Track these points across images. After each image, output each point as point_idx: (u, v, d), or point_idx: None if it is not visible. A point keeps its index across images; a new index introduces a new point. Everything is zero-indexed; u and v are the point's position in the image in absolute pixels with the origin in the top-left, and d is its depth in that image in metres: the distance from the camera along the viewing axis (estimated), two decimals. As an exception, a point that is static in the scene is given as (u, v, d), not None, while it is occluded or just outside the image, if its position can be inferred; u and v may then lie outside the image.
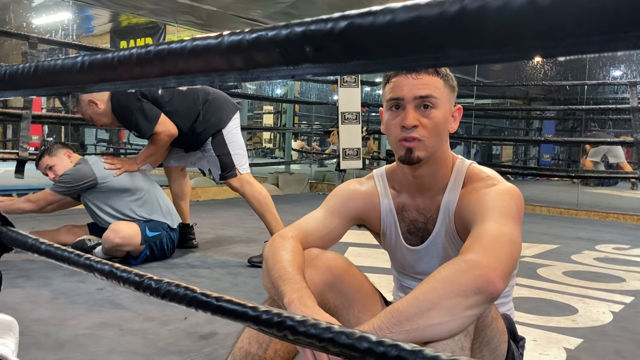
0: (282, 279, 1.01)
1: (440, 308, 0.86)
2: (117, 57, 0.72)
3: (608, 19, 0.37)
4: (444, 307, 0.86)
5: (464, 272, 0.88)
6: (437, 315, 0.86)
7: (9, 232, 1.07)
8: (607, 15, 0.37)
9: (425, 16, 0.45)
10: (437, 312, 0.86)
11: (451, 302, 0.86)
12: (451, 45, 0.45)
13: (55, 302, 2.01)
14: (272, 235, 2.68)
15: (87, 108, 2.76)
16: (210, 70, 0.63)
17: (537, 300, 2.29)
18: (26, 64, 0.87)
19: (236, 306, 0.70)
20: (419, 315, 0.86)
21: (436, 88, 1.11)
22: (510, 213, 1.04)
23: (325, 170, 8.35)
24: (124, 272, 0.84)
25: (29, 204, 2.65)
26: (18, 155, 3.76)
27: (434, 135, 1.12)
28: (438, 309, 0.86)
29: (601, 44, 0.38)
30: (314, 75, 0.56)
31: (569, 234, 4.19)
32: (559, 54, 0.41)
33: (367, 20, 0.49)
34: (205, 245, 3.16)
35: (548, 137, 9.07)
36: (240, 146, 2.85)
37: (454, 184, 1.18)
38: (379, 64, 0.51)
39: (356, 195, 1.27)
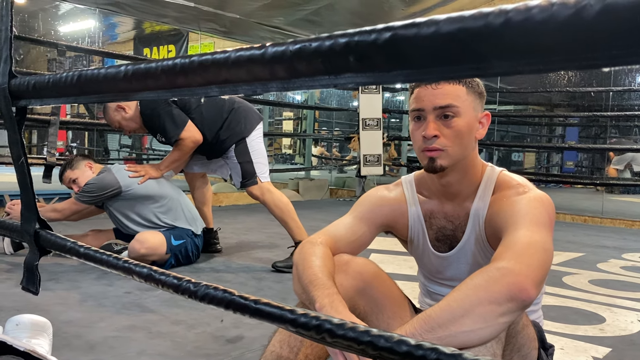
0: (313, 284, 1.02)
1: (473, 315, 0.86)
2: (161, 66, 0.75)
3: (654, 31, 0.38)
4: (476, 314, 0.86)
5: (497, 280, 0.89)
6: (470, 322, 0.86)
7: (48, 235, 1.10)
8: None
9: (469, 28, 0.47)
10: (470, 319, 0.86)
11: (484, 309, 0.87)
12: (495, 56, 0.46)
13: (84, 305, 2.05)
14: (301, 242, 2.71)
15: (115, 114, 2.81)
16: (252, 80, 0.65)
17: (564, 309, 2.27)
18: (69, 73, 0.90)
19: (274, 309, 0.71)
20: (452, 322, 0.86)
21: (457, 97, 1.11)
22: (542, 221, 1.03)
23: (346, 176, 8.36)
24: (162, 275, 0.87)
25: (54, 214, 2.70)
26: (46, 160, 3.84)
27: (457, 144, 1.12)
28: (471, 316, 0.86)
29: (645, 55, 0.39)
30: (356, 85, 0.58)
31: (594, 242, 4.14)
32: (603, 65, 0.42)
33: (411, 31, 0.50)
34: (228, 250, 3.19)
35: (571, 143, 8.97)
36: (262, 155, 2.88)
37: (484, 191, 1.18)
38: (422, 73, 0.53)
39: (384, 202, 1.28)
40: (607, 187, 7.55)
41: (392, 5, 6.31)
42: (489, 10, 0.46)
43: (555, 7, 0.42)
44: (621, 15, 0.39)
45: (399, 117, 9.13)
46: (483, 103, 1.18)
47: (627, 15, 0.39)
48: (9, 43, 1.07)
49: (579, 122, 9.65)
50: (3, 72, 1.06)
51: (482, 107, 1.18)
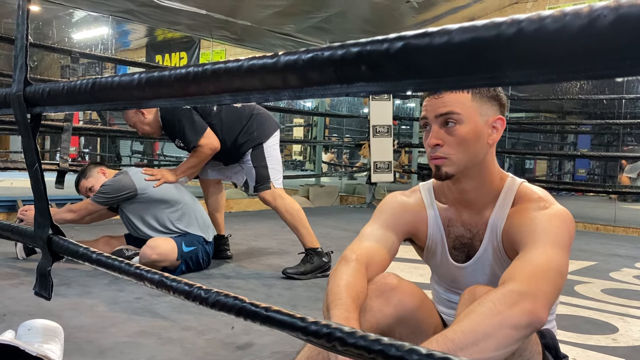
0: (334, 303, 1.01)
1: (495, 340, 0.87)
2: (174, 74, 0.76)
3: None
4: (498, 338, 0.88)
5: (515, 303, 0.90)
6: (492, 347, 0.87)
7: (60, 241, 1.11)
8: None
9: (482, 37, 0.47)
10: (492, 344, 0.87)
11: (506, 333, 0.88)
12: (508, 66, 0.46)
13: (95, 310, 2.06)
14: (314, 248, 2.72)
15: (133, 116, 2.84)
16: (265, 88, 0.66)
17: (576, 318, 2.25)
18: (83, 81, 0.91)
19: (285, 316, 0.71)
20: (473, 346, 0.87)
21: (459, 104, 1.12)
22: (561, 240, 1.03)
23: (356, 183, 8.36)
24: (173, 282, 0.87)
25: (70, 214, 2.72)
26: (59, 166, 3.88)
27: (461, 151, 1.12)
28: (493, 341, 0.87)
29: (663, 65, 0.39)
30: (368, 94, 0.58)
31: (607, 251, 4.10)
32: (617, 75, 0.42)
33: (424, 41, 0.51)
34: (239, 257, 3.20)
35: (583, 151, 8.91)
36: (278, 162, 2.90)
37: (504, 201, 1.17)
38: (435, 83, 0.53)
39: (405, 207, 1.27)
40: (619, 195, 7.49)
41: (403, 12, 6.32)
42: (501, 20, 0.46)
43: (568, 17, 0.42)
44: (635, 25, 0.39)
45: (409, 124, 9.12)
46: (498, 107, 1.17)
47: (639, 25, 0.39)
48: (24, 51, 1.09)
49: (592, 129, 9.59)
50: (19, 79, 1.07)
51: (497, 111, 1.16)
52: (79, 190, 2.85)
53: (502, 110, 1.17)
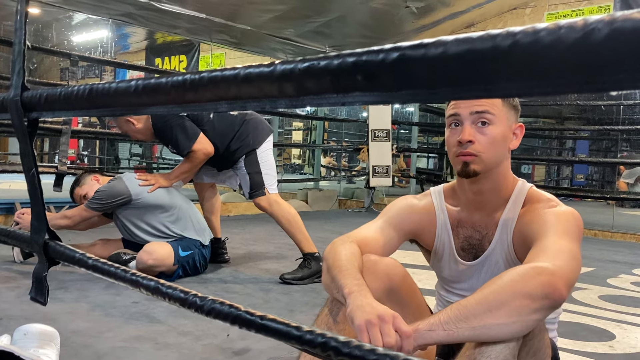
0: (343, 273, 1.04)
1: (508, 307, 0.89)
2: (171, 82, 0.76)
3: (662, 56, 0.38)
4: (512, 307, 0.89)
5: (532, 277, 0.92)
6: (505, 314, 0.89)
7: (57, 246, 1.11)
8: (661, 53, 0.38)
9: (477, 49, 0.47)
10: (506, 312, 0.89)
11: (520, 303, 0.89)
12: (502, 78, 0.46)
13: (92, 314, 2.06)
14: (310, 253, 2.73)
15: (124, 125, 2.84)
16: (261, 97, 0.66)
17: (573, 325, 2.25)
18: (80, 86, 0.91)
19: (280, 325, 0.71)
20: (487, 313, 0.89)
21: (493, 105, 1.16)
22: (572, 232, 1.07)
23: (354, 187, 8.36)
24: (169, 289, 0.87)
25: (65, 220, 2.72)
26: (57, 169, 3.87)
27: (490, 151, 1.16)
28: (506, 309, 0.89)
29: (654, 80, 0.39)
30: (363, 104, 0.58)
31: (605, 257, 4.10)
32: (610, 89, 0.42)
33: (419, 52, 0.51)
34: (236, 261, 3.19)
35: (582, 157, 8.92)
36: (272, 167, 2.89)
37: (514, 203, 1.20)
38: (429, 94, 0.53)
39: (414, 209, 1.31)
40: (617, 201, 7.49)
41: (402, 18, 6.34)
42: (497, 32, 0.46)
43: (562, 30, 0.42)
44: (629, 39, 0.39)
45: (408, 129, 9.13)
46: (517, 116, 1.22)
47: (635, 39, 0.39)
48: (22, 56, 1.09)
49: (590, 135, 9.60)
50: (16, 84, 1.07)
51: (517, 119, 1.22)
52: (74, 199, 2.85)
53: (518, 120, 1.23)
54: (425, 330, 0.91)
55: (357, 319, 0.92)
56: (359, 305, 0.94)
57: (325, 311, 1.10)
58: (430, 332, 0.90)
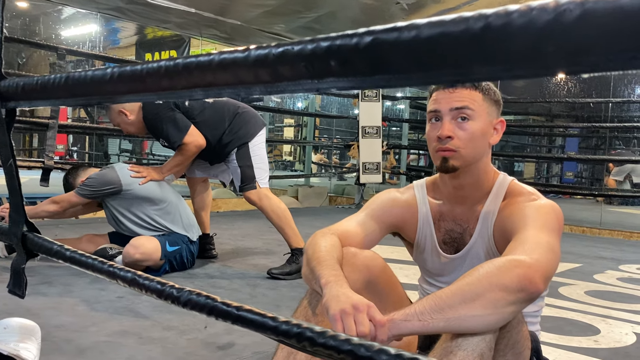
0: (321, 264, 1.04)
1: (484, 300, 0.89)
2: (146, 69, 0.74)
3: (633, 36, 0.37)
4: (487, 299, 0.89)
5: (509, 269, 0.92)
6: (480, 306, 0.89)
7: (35, 238, 1.09)
8: (632, 32, 0.37)
9: (449, 32, 0.46)
10: (481, 304, 0.89)
11: (495, 295, 0.89)
12: (475, 62, 0.46)
13: (76, 309, 2.04)
14: (298, 248, 2.72)
15: (117, 117, 2.81)
16: (237, 83, 0.65)
17: (559, 320, 2.26)
18: (57, 75, 0.90)
19: (256, 316, 0.70)
20: (462, 305, 0.89)
21: (473, 101, 1.16)
22: (551, 226, 1.07)
23: (345, 184, 8.35)
24: (146, 280, 0.86)
25: (53, 205, 2.69)
26: (44, 163, 3.83)
27: (470, 147, 1.16)
28: (482, 301, 0.89)
29: (625, 61, 0.38)
30: (338, 89, 0.57)
31: (592, 253, 4.12)
32: (583, 71, 0.41)
33: (392, 35, 0.50)
34: (224, 256, 3.18)
35: (571, 154, 8.96)
36: (263, 161, 2.87)
37: (495, 196, 1.21)
38: (403, 78, 0.52)
39: (396, 203, 1.31)
40: (606, 198, 7.54)
41: (393, 14, 6.32)
42: (469, 15, 0.46)
43: (534, 12, 0.41)
44: (601, 20, 0.38)
45: (399, 126, 9.14)
46: (499, 111, 1.22)
47: (607, 20, 0.38)
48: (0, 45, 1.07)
49: (579, 132, 9.65)
50: (-7, 73, 1.06)
51: (498, 114, 1.22)
52: (68, 188, 2.82)
53: (500, 115, 1.23)
54: (400, 320, 0.90)
55: (332, 309, 0.91)
56: (334, 295, 0.93)
57: (304, 303, 1.09)
58: (405, 322, 0.90)
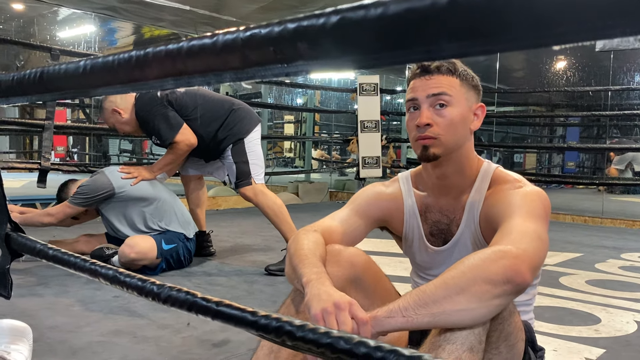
0: (303, 262, 1.02)
1: (468, 293, 0.86)
2: (117, 59, 0.72)
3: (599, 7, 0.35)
4: (472, 292, 0.86)
5: (494, 261, 0.89)
6: (465, 300, 0.86)
7: (19, 237, 1.08)
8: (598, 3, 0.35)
9: (416, 8, 0.44)
10: (465, 298, 0.86)
11: (480, 288, 0.86)
12: (443, 38, 0.43)
13: (71, 309, 2.03)
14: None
15: (111, 116, 2.79)
16: (207, 71, 0.63)
17: (559, 310, 2.24)
18: (32, 70, 0.88)
19: (235, 311, 0.68)
20: (447, 299, 0.86)
21: (450, 87, 1.13)
22: (538, 212, 1.04)
23: (346, 179, 8.33)
24: (127, 277, 0.84)
25: (48, 217, 2.68)
26: (40, 165, 3.82)
27: (450, 133, 1.13)
28: (466, 294, 0.86)
29: (594, 31, 0.36)
30: (307, 72, 0.55)
31: (594, 242, 4.10)
32: (552, 43, 0.39)
33: (359, 14, 0.48)
34: (222, 254, 3.16)
35: (572, 144, 8.93)
36: (259, 157, 2.85)
37: (480, 185, 1.18)
38: (373, 58, 0.50)
39: (381, 196, 1.29)
40: (608, 187, 7.51)
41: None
42: (435, -12, 0.43)
43: (501, -18, 0.39)
44: (569, -13, 0.36)
45: (398, 120, 9.10)
46: (478, 96, 1.19)
47: (576, -13, 0.36)
48: (-24, 41, 1.05)
49: (580, 122, 9.61)
50: (-29, 71, 1.04)
51: (477, 99, 1.19)
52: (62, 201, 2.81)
53: (480, 100, 1.20)
54: (383, 317, 0.88)
55: (314, 308, 0.89)
56: (316, 294, 0.91)
57: (288, 301, 1.07)
58: (389, 318, 0.88)
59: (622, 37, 0.37)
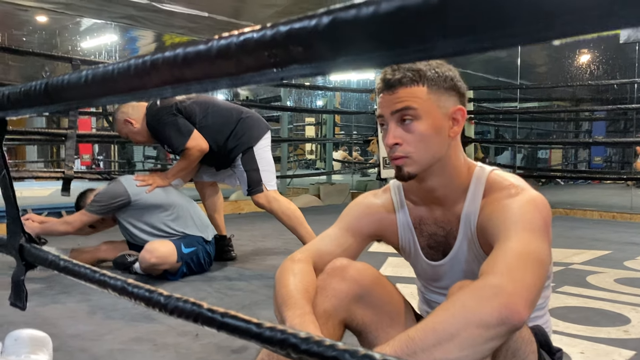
0: (286, 304, 0.98)
1: (459, 340, 0.79)
2: (117, 69, 0.71)
3: (603, -8, 0.33)
4: (463, 338, 0.79)
5: (487, 300, 0.82)
6: (455, 348, 0.79)
7: (32, 249, 1.08)
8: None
9: (408, 5, 0.42)
10: (456, 345, 0.79)
11: (471, 332, 0.79)
12: (438, 36, 0.41)
13: (93, 317, 2.04)
14: None
15: (123, 127, 2.82)
16: (203, 78, 0.61)
17: (586, 310, 2.18)
18: (37, 82, 0.88)
19: (240, 322, 0.67)
20: (436, 347, 0.79)
21: (416, 98, 1.04)
22: (536, 226, 0.95)
23: (367, 179, 8.29)
24: (135, 288, 0.83)
25: (65, 226, 2.71)
26: (64, 173, 3.87)
27: (421, 149, 1.05)
28: (457, 341, 0.79)
29: (597, 21, 0.34)
30: (302, 77, 0.53)
31: (622, 239, 3.99)
32: (553, 37, 0.37)
33: (351, 14, 0.46)
34: (243, 258, 3.16)
35: (598, 138, 8.74)
36: (269, 164, 2.86)
37: (474, 194, 1.10)
38: (367, 60, 0.48)
39: (371, 210, 1.22)
40: (636, 181, 7.33)
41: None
42: (428, -16, 0.41)
43: (497, -26, 0.37)
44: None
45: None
46: (458, 97, 1.09)
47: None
48: (-15, 55, 1.05)
49: (606, 115, 9.40)
50: (-19, 84, 1.04)
51: (457, 101, 1.08)
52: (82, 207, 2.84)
53: (462, 101, 1.09)
54: None
55: None
56: None
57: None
58: None
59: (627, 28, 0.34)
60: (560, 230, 4.31)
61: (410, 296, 1.24)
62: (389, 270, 2.83)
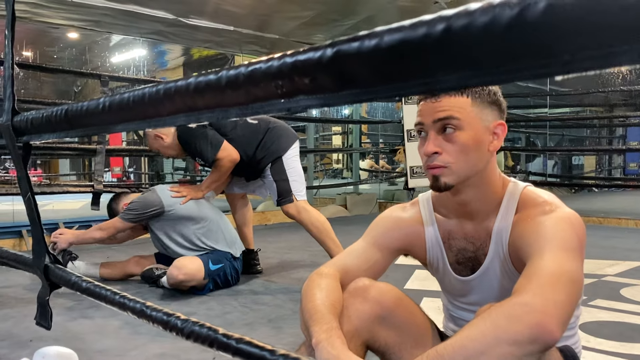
0: (313, 318, 0.97)
1: (489, 357, 0.78)
2: (132, 97, 0.73)
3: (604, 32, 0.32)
4: (493, 356, 0.78)
5: (519, 318, 0.81)
6: None
7: (56, 269, 1.10)
8: (603, 28, 0.31)
9: (410, 39, 0.41)
10: None
11: (502, 350, 0.79)
12: (440, 69, 0.41)
13: (120, 332, 2.06)
14: None
15: (154, 142, 2.86)
16: (214, 107, 0.62)
17: (620, 325, 2.11)
18: (58, 108, 0.90)
19: (255, 349, 0.67)
20: None
21: (459, 108, 1.03)
22: (571, 245, 0.94)
23: (395, 188, 8.24)
24: (153, 311, 0.84)
25: (99, 232, 2.76)
26: (93, 187, 3.96)
27: (461, 160, 1.03)
28: (486, 359, 0.78)
29: (600, 59, 0.33)
30: (307, 107, 0.53)
31: (658, 249, 3.88)
32: (556, 73, 0.36)
33: (354, 46, 0.46)
34: (269, 271, 3.17)
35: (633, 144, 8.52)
36: (299, 173, 2.86)
37: (507, 209, 1.08)
38: (371, 92, 0.48)
39: (399, 224, 1.21)
40: (673, 188, 7.12)
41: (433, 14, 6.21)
42: (429, 18, 0.41)
43: (497, 9, 0.36)
44: (568, 14, 0.33)
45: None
46: (499, 112, 1.08)
47: (575, 14, 0.33)
48: (11, 80, 1.09)
49: (640, 121, 9.17)
50: (7, 109, 1.07)
51: (497, 116, 1.08)
52: (112, 214, 2.89)
53: (502, 116, 1.09)
54: None
55: None
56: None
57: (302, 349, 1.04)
58: None
59: (631, 64, 0.33)
60: (593, 239, 4.21)
61: (437, 310, 1.22)
62: (416, 283, 2.79)
